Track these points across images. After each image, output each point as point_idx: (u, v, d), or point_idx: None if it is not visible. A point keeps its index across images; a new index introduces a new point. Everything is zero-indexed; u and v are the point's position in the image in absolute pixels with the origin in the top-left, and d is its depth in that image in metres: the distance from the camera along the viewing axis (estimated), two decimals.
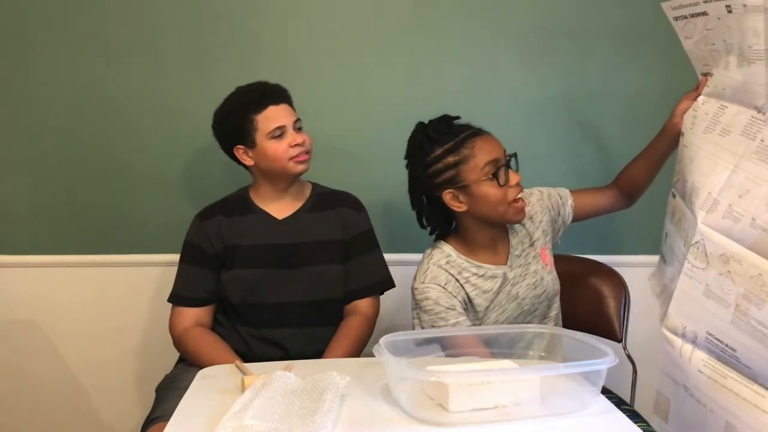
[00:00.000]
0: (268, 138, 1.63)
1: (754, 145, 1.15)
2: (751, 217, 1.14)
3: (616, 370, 1.18)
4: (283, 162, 1.64)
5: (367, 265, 1.76)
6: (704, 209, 1.23)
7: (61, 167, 2.03)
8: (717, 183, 1.21)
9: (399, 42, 2.02)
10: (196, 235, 1.71)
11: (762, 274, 1.11)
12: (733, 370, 1.18)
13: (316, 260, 1.71)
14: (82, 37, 1.97)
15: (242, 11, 1.98)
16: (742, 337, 1.15)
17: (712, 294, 1.21)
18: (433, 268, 1.55)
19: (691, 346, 1.27)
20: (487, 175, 1.49)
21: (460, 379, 1.14)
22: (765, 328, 1.11)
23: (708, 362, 1.23)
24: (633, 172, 1.62)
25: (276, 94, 1.67)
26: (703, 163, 1.26)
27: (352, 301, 1.75)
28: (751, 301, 1.13)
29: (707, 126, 1.28)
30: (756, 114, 1.16)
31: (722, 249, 1.19)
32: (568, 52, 2.04)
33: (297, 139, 1.64)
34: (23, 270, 2.07)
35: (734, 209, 1.17)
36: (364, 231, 1.77)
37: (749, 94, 1.18)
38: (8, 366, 2.11)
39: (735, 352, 1.17)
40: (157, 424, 1.48)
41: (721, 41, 1.24)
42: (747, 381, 1.15)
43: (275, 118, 1.64)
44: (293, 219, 1.73)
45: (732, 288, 1.17)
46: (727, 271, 1.18)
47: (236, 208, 1.73)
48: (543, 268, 1.62)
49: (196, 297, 1.70)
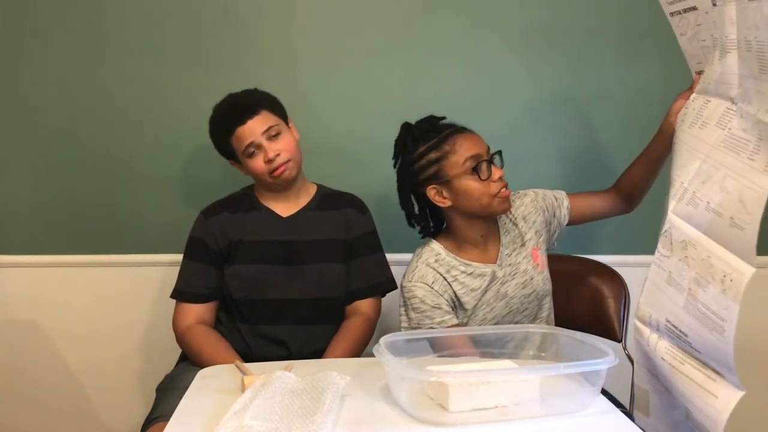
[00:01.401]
0: (244, 156, 1.65)
1: (723, 134, 1.15)
2: (707, 201, 1.15)
3: (616, 370, 1.18)
4: (263, 177, 1.66)
5: (369, 266, 1.76)
6: (675, 198, 1.25)
7: (62, 167, 2.03)
8: (689, 173, 1.23)
9: (399, 42, 2.02)
10: (201, 231, 1.72)
11: (710, 256, 1.12)
12: (689, 356, 1.19)
13: (318, 258, 1.71)
14: (83, 37, 1.97)
15: (243, 12, 1.98)
16: (692, 322, 1.16)
17: (673, 281, 1.22)
18: (422, 266, 1.57)
19: (657, 335, 1.29)
20: (467, 170, 1.52)
21: (460, 379, 1.14)
22: (708, 310, 1.12)
23: (669, 350, 1.25)
24: (632, 175, 1.63)
25: (242, 109, 1.65)
26: (683, 156, 1.28)
27: (354, 302, 1.75)
28: (699, 284, 1.14)
29: (692, 121, 1.29)
30: (730, 105, 1.16)
31: (684, 235, 1.20)
32: (568, 53, 2.04)
33: (269, 153, 1.63)
34: (23, 270, 2.07)
35: (696, 195, 1.19)
36: (368, 232, 1.78)
37: (726, 85, 1.17)
38: (8, 366, 2.11)
39: (687, 337, 1.18)
40: (157, 424, 1.48)
41: (710, 36, 1.23)
42: (701, 366, 1.17)
43: (244, 137, 1.63)
44: (297, 217, 1.73)
45: (687, 273, 1.18)
46: (684, 256, 1.19)
47: (241, 205, 1.74)
48: (534, 268, 1.63)
49: (199, 293, 1.70)
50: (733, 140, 1.12)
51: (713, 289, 1.11)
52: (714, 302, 1.10)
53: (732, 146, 1.12)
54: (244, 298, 1.70)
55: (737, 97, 1.14)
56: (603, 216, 1.72)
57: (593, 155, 2.09)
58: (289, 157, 1.65)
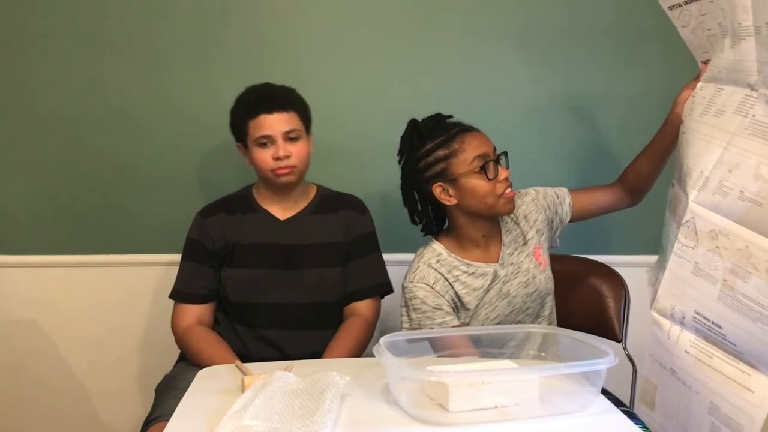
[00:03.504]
0: (255, 144, 1.64)
1: (746, 122, 1.14)
2: (739, 190, 1.13)
3: (616, 370, 1.18)
4: (266, 173, 1.65)
5: (368, 267, 1.75)
6: (696, 188, 1.23)
7: (61, 167, 2.03)
8: (709, 161, 1.21)
9: (400, 42, 2.02)
10: (198, 232, 1.71)
11: (749, 246, 1.11)
12: (719, 349, 1.18)
13: (315, 263, 1.71)
14: (84, 37, 1.97)
15: (244, 11, 1.98)
16: (728, 313, 1.14)
17: (701, 272, 1.21)
18: (423, 267, 1.57)
19: (679, 327, 1.27)
20: (475, 168, 1.52)
21: (460, 379, 1.14)
22: (751, 301, 1.10)
23: (695, 342, 1.23)
24: (638, 168, 1.62)
25: (274, 101, 1.64)
26: (698, 144, 1.26)
27: (352, 303, 1.74)
28: (737, 275, 1.12)
29: (703, 109, 1.27)
30: (749, 92, 1.15)
31: (711, 225, 1.18)
32: (568, 52, 2.04)
33: (280, 151, 1.62)
34: (23, 270, 2.07)
35: (724, 184, 1.17)
36: (366, 233, 1.76)
37: (742, 72, 1.16)
38: (8, 366, 2.11)
39: (721, 329, 1.17)
40: (157, 425, 1.48)
41: (717, 25, 1.22)
42: (732, 359, 1.15)
43: (263, 126, 1.62)
44: (295, 220, 1.72)
45: (720, 263, 1.16)
46: (715, 246, 1.17)
47: (239, 206, 1.73)
48: (536, 266, 1.62)
49: (197, 294, 1.70)
50: (760, 127, 1.11)
51: (756, 279, 1.08)
52: (758, 292, 1.08)
53: (760, 133, 1.10)
54: (241, 302, 1.70)
55: (757, 83, 1.13)
56: (607, 211, 1.71)
57: (594, 155, 2.09)
58: (296, 163, 1.64)
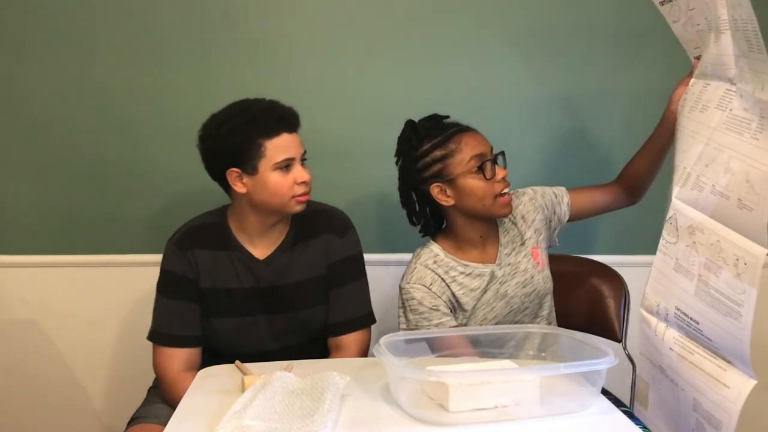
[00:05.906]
0: (273, 168, 1.46)
1: (725, 116, 1.14)
2: (712, 185, 1.14)
3: (616, 370, 1.18)
4: (284, 199, 1.48)
5: (350, 296, 1.60)
6: (678, 184, 1.24)
7: (61, 167, 2.03)
8: (692, 157, 1.21)
9: (398, 42, 2.01)
10: (179, 265, 1.54)
11: (720, 240, 1.11)
12: (699, 345, 1.18)
13: (300, 304, 1.58)
14: (82, 38, 1.97)
15: (241, 12, 1.98)
16: (703, 308, 1.15)
17: (681, 268, 1.21)
18: (420, 268, 1.57)
19: (664, 324, 1.28)
20: (472, 168, 1.52)
21: (460, 379, 1.14)
22: (721, 295, 1.10)
23: (678, 339, 1.24)
24: (635, 166, 1.62)
25: (291, 120, 1.50)
26: (686, 141, 1.27)
27: (337, 336, 1.59)
28: (710, 269, 1.13)
29: (692, 105, 1.28)
30: (729, 86, 1.15)
31: (690, 221, 1.19)
32: (568, 52, 2.04)
33: (304, 176, 1.48)
34: (23, 270, 2.07)
35: (700, 179, 1.17)
36: (348, 257, 1.60)
37: (723, 66, 1.17)
38: (7, 366, 2.11)
39: (698, 324, 1.17)
40: (138, 425, 1.47)
41: (704, 20, 1.22)
42: (710, 355, 1.16)
43: (287, 148, 1.46)
44: (274, 258, 1.57)
45: (696, 259, 1.17)
46: (692, 242, 1.18)
47: (213, 240, 1.56)
48: (534, 266, 1.62)
49: (185, 335, 1.53)
50: (735, 121, 1.11)
51: (726, 273, 1.09)
52: (728, 287, 1.09)
53: (734, 127, 1.11)
54: (226, 350, 1.53)
55: (735, 78, 1.13)
56: (606, 209, 1.71)
57: (594, 154, 2.09)
58: (310, 189, 1.53)
